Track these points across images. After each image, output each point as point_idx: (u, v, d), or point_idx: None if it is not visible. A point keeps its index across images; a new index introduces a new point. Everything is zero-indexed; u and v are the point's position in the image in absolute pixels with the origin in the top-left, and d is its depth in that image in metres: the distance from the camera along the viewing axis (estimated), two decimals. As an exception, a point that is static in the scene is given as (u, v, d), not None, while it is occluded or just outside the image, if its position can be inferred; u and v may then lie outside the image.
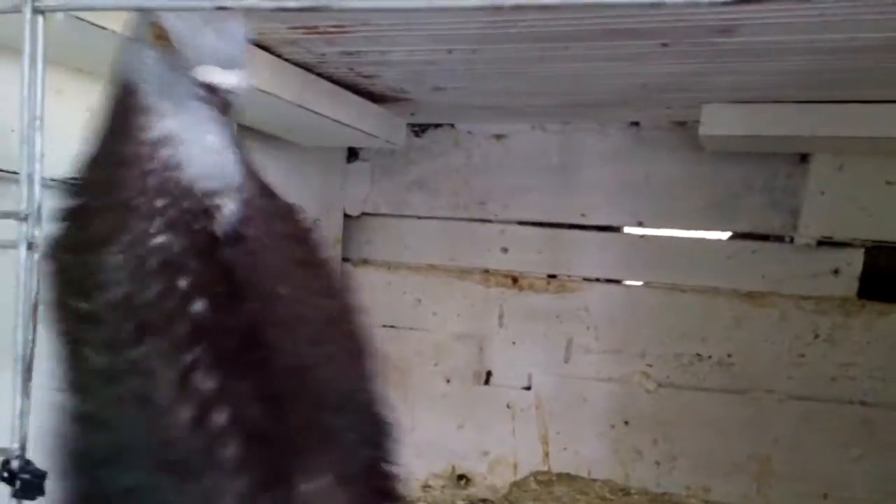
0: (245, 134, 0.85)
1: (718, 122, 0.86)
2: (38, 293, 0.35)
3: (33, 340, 0.35)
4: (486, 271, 1.10)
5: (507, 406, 1.08)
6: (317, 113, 0.77)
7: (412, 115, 1.02)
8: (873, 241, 0.94)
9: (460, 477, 1.06)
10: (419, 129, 1.12)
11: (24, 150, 0.34)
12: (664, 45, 0.63)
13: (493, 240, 1.10)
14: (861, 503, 0.94)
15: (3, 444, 0.34)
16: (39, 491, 0.34)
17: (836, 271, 0.96)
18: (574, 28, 0.60)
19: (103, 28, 0.52)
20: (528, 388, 1.07)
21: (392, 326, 1.14)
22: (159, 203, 0.38)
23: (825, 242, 0.95)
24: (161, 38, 0.37)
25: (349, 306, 0.46)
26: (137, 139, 0.38)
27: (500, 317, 1.09)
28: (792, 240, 0.97)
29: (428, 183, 1.12)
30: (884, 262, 0.95)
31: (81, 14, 0.51)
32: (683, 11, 0.55)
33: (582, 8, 0.56)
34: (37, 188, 0.35)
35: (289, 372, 0.40)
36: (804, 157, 0.96)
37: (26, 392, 0.34)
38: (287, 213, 0.44)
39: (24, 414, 0.34)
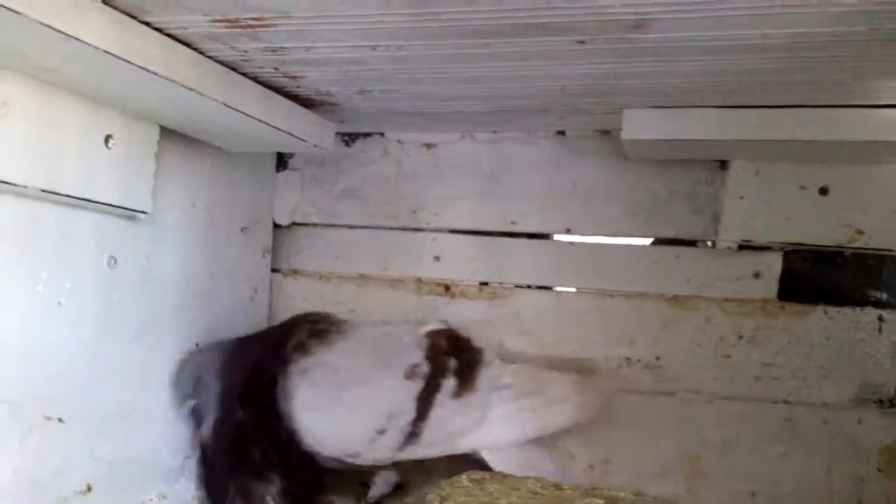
0: (169, 138, 0.84)
1: (639, 126, 0.88)
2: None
3: None
4: (419, 280, 1.10)
5: (440, 414, 1.07)
6: (244, 113, 0.76)
7: (341, 122, 1.02)
8: (791, 244, 0.97)
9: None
10: (349, 139, 1.13)
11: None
12: (580, 41, 0.65)
13: (424, 248, 1.10)
14: (788, 499, 0.96)
15: None
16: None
17: (756, 274, 0.99)
18: (492, 23, 0.61)
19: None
20: (462, 396, 1.07)
21: (325, 337, 1.12)
22: None
23: (745, 246, 0.98)
24: None
25: None
26: None
27: (434, 325, 1.09)
28: (714, 244, 1.00)
29: (358, 192, 1.12)
30: (801, 265, 0.98)
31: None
32: (594, 4, 0.57)
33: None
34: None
35: None
36: (724, 164, 1.00)
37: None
38: None
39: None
